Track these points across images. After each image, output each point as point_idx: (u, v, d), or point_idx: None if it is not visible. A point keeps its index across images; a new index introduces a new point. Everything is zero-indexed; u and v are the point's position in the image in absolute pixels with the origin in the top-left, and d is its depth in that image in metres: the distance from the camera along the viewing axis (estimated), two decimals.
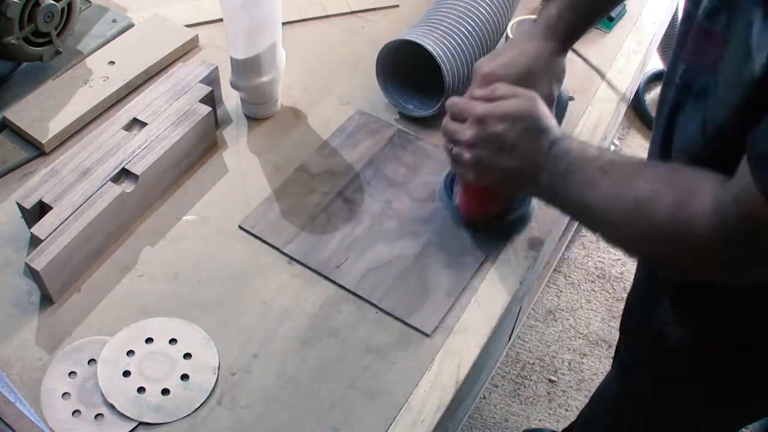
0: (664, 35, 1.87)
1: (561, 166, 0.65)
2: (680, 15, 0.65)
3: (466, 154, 0.70)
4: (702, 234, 0.54)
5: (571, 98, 0.98)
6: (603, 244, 1.84)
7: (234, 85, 0.90)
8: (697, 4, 0.61)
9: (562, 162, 0.65)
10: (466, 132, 0.69)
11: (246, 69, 0.87)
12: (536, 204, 0.83)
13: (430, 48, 0.86)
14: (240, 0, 0.80)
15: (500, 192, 0.77)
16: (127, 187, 0.78)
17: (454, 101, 0.73)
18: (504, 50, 0.78)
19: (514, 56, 0.76)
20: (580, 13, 0.78)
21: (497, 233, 0.82)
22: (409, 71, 0.94)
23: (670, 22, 1.91)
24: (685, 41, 0.63)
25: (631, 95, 1.13)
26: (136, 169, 0.78)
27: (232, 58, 0.87)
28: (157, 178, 0.81)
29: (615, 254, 1.82)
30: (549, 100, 0.77)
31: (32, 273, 0.71)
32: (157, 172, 0.81)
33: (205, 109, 0.85)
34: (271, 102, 0.93)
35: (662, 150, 0.68)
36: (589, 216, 0.65)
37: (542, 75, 0.77)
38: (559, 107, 0.84)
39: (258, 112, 0.93)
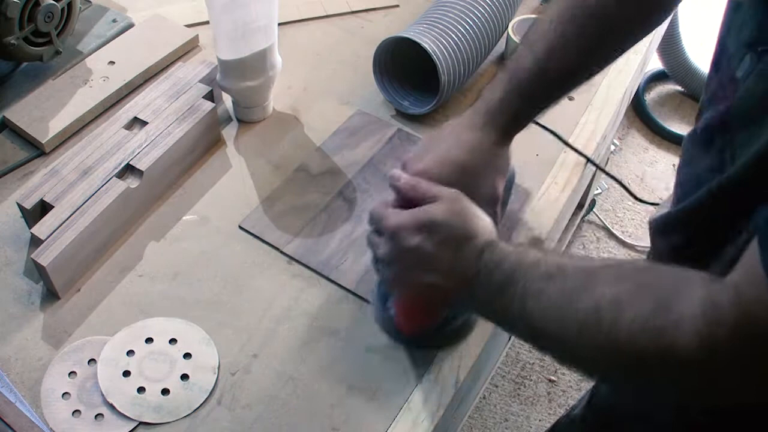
0: (663, 35, 1.87)
1: (496, 277, 0.56)
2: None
3: (386, 271, 0.63)
4: (687, 347, 0.44)
5: (571, 98, 0.98)
6: (603, 245, 1.84)
7: (220, 86, 0.90)
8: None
9: (496, 272, 0.56)
10: (381, 248, 0.62)
11: (231, 71, 0.87)
12: None
13: (426, 45, 0.86)
14: (221, 1, 0.79)
15: (433, 307, 0.67)
16: (132, 182, 0.78)
17: (372, 211, 0.64)
18: (437, 142, 0.67)
19: (449, 150, 0.66)
20: (528, 99, 0.67)
21: (436, 344, 0.72)
22: (406, 69, 0.94)
23: (669, 23, 1.91)
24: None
25: (631, 95, 1.13)
26: (141, 165, 0.79)
27: (217, 58, 0.87)
28: (161, 174, 0.82)
29: (615, 254, 1.82)
30: (493, 199, 0.68)
31: (38, 269, 0.71)
32: (161, 168, 0.81)
33: (209, 105, 0.85)
34: (259, 107, 0.92)
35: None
36: (539, 333, 0.55)
37: (483, 171, 0.66)
38: (506, 191, 0.72)
39: (245, 116, 0.93)
